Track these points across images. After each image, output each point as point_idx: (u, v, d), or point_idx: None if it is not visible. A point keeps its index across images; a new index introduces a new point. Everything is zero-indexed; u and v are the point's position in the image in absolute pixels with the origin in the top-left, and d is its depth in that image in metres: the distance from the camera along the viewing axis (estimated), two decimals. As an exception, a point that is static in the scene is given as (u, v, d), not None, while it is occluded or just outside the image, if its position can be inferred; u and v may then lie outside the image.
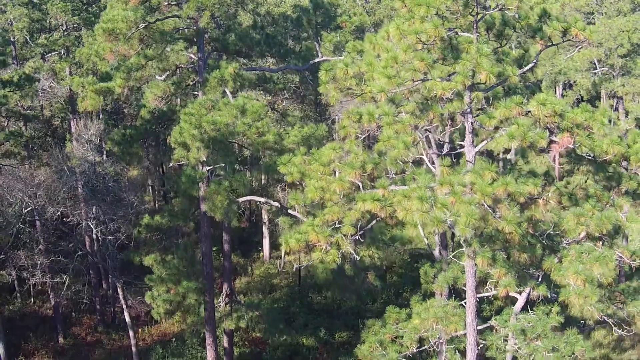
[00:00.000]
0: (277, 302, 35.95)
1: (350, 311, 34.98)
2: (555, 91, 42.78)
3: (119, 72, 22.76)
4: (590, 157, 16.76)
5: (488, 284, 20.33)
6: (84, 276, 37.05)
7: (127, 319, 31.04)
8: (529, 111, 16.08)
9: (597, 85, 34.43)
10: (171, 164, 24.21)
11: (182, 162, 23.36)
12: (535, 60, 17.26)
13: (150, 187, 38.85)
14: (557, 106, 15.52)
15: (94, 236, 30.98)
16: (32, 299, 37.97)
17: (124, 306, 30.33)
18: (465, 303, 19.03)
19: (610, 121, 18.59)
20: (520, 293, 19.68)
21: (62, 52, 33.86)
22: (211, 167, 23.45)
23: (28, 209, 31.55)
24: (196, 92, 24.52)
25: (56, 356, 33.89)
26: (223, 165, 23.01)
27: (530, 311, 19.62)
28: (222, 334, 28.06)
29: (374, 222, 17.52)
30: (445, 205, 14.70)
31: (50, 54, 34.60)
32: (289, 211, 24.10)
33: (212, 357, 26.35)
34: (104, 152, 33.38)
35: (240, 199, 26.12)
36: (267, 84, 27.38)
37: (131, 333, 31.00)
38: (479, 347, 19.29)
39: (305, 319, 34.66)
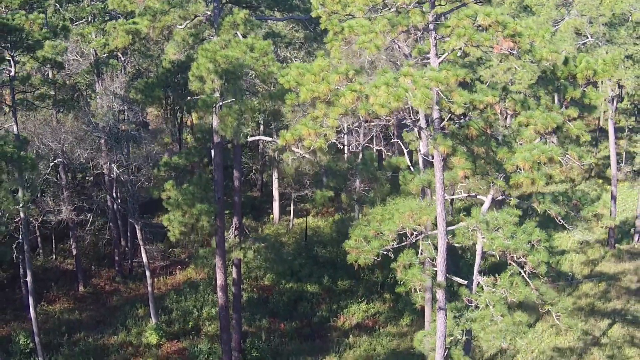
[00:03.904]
0: (285, 255, 41.46)
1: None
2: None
3: (146, 16, 28.81)
4: (532, 62, 22.26)
5: (458, 187, 25.98)
6: (105, 218, 42.92)
7: (145, 259, 36.61)
8: (480, 25, 21.73)
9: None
10: (189, 98, 29.81)
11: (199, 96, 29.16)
12: (489, -13, 22.93)
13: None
14: (499, 16, 21.11)
15: (115, 177, 36.84)
16: (53, 256, 43.88)
17: (141, 245, 35.97)
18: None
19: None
20: (486, 196, 25.22)
21: (90, 19, 40.16)
22: (223, 101, 29.23)
23: (56, 160, 37.63)
24: (212, 37, 30.43)
25: (76, 302, 39.67)
26: (234, 99, 28.76)
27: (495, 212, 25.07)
28: (232, 265, 33.52)
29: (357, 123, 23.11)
30: (406, 90, 20.29)
31: (78, 22, 40.91)
32: (292, 148, 29.83)
33: (222, 280, 31.82)
34: (126, 111, 39.31)
35: (250, 139, 32.01)
36: (275, 38, 33.29)
37: (147, 273, 36.55)
38: (449, 237, 24.68)
39: (310, 269, 40.19)
